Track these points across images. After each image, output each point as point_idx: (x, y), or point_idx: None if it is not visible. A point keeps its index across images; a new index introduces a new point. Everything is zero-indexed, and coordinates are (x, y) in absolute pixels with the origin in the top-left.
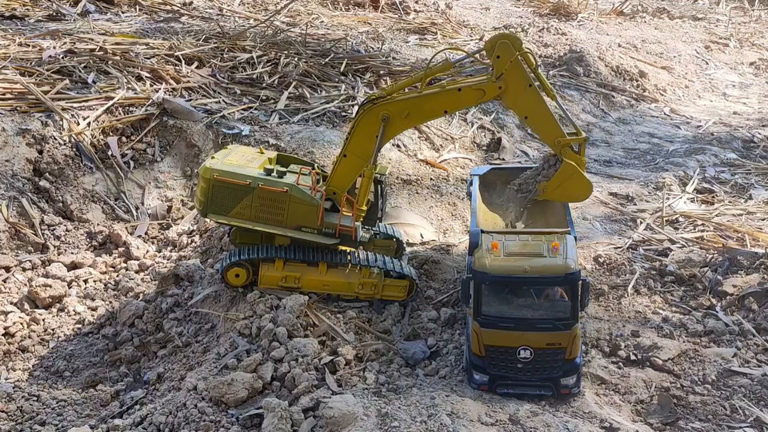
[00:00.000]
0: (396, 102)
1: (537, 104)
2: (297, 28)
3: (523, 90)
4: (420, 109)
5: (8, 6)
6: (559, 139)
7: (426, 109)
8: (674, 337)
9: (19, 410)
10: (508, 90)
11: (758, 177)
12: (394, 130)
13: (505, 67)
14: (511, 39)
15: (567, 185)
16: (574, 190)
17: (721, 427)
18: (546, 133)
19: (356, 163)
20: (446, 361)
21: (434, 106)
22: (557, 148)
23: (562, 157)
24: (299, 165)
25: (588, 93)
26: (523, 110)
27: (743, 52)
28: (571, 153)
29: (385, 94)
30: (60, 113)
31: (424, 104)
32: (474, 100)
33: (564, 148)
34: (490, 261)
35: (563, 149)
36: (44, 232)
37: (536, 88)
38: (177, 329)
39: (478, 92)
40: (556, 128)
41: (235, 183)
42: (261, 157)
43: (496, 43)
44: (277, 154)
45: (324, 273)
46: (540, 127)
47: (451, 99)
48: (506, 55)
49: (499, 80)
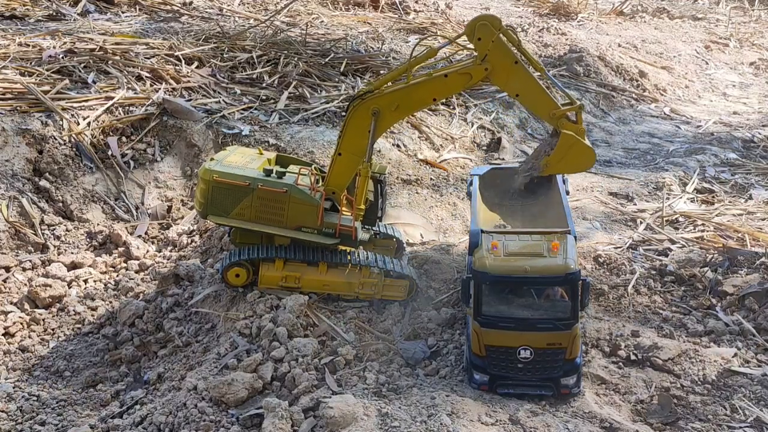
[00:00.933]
0: (384, 95)
1: (526, 80)
2: (297, 28)
3: (510, 67)
4: (409, 99)
5: (8, 6)
6: (553, 111)
7: (415, 99)
8: (674, 337)
9: (19, 410)
10: (495, 70)
11: (758, 177)
12: (386, 124)
13: (487, 48)
14: (490, 19)
15: (570, 156)
16: (578, 159)
17: (721, 427)
18: (540, 108)
19: (352, 161)
20: (446, 361)
21: (423, 95)
22: (554, 121)
23: (560, 129)
24: (298, 165)
25: (588, 93)
26: (514, 88)
27: (743, 52)
28: (568, 123)
29: (373, 88)
30: (60, 113)
31: (413, 94)
32: (461, 84)
33: (560, 120)
34: (490, 261)
35: (560, 121)
36: (44, 232)
37: (522, 63)
38: (177, 329)
39: (465, 76)
40: (549, 101)
41: (234, 184)
42: (260, 157)
43: (475, 25)
44: (277, 155)
45: (324, 273)
46: (533, 103)
47: (438, 86)
48: (487, 35)
49: (484, 62)
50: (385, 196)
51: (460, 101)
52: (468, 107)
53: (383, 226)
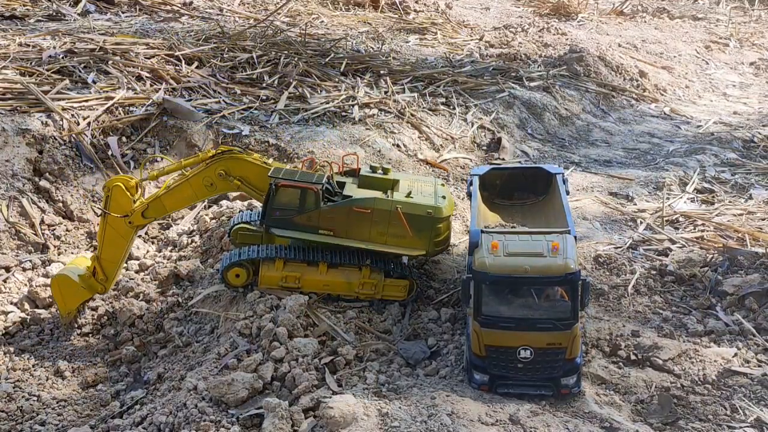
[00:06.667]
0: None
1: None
2: (297, 28)
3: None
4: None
5: (8, 6)
6: None
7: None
8: (674, 337)
9: (19, 410)
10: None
11: (758, 177)
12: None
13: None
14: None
15: None
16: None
17: (721, 427)
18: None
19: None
20: (446, 361)
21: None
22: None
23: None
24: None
25: (588, 93)
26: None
27: (743, 52)
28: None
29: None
30: (60, 113)
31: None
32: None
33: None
34: (490, 261)
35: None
36: (44, 232)
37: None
38: (177, 329)
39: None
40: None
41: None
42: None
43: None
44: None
45: (324, 273)
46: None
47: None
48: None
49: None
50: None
51: (461, 101)
52: (468, 107)
53: None
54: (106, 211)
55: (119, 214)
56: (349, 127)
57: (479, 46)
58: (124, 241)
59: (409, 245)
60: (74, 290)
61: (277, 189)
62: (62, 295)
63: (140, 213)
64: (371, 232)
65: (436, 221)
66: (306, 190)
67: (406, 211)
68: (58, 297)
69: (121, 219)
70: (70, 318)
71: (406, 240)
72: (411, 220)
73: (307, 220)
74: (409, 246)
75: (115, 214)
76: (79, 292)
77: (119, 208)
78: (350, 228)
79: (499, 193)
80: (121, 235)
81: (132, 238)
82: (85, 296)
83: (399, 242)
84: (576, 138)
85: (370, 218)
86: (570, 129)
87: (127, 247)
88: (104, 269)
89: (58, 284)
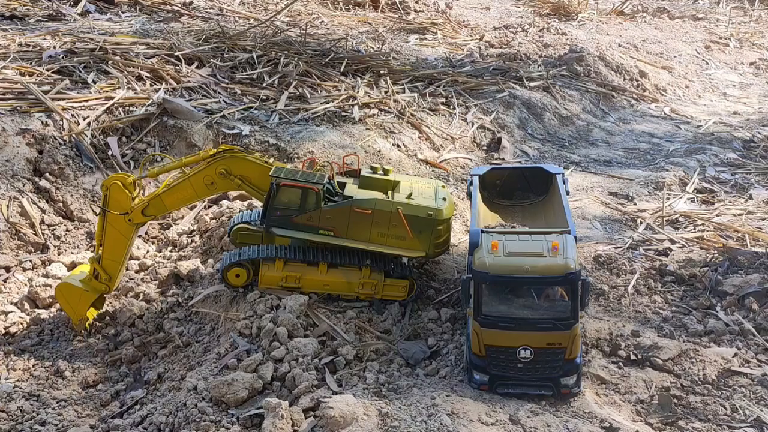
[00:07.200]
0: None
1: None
2: (297, 28)
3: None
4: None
5: (8, 6)
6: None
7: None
8: (674, 337)
9: (19, 410)
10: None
11: (758, 177)
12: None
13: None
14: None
15: None
16: None
17: (721, 427)
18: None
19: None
20: (446, 361)
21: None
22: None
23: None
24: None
25: (588, 93)
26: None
27: (743, 52)
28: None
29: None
30: (60, 113)
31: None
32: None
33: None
34: (490, 261)
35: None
36: (44, 232)
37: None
38: (177, 329)
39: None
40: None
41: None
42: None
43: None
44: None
45: (324, 273)
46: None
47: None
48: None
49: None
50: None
51: (461, 101)
52: (468, 107)
53: None
54: (105, 209)
55: (118, 212)
56: (349, 127)
57: (479, 46)
58: (126, 239)
59: (409, 246)
60: (78, 295)
61: (279, 188)
62: (69, 303)
63: (140, 211)
64: (372, 233)
65: (437, 223)
66: (307, 190)
67: (407, 212)
68: (65, 306)
69: (121, 217)
70: (83, 324)
71: (407, 241)
72: (412, 221)
73: (308, 220)
74: (409, 247)
75: (115, 211)
76: (84, 296)
77: (118, 206)
78: (351, 228)
79: (499, 193)
80: (122, 234)
81: (133, 236)
82: (91, 298)
83: (399, 243)
84: (576, 138)
85: (371, 219)
86: (570, 129)
87: (128, 245)
88: (107, 268)
89: (62, 293)
